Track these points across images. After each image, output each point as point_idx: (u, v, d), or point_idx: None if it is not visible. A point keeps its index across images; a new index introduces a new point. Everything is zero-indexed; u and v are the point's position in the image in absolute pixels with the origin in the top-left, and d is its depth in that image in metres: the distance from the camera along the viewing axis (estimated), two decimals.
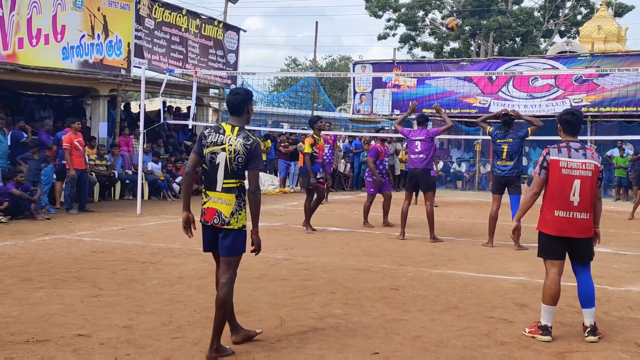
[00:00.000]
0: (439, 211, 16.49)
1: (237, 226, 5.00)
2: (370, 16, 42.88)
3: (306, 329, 5.72)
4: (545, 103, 23.49)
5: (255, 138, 5.08)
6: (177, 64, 19.52)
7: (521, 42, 41.77)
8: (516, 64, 24.22)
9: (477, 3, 40.11)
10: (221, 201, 5.01)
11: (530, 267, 8.86)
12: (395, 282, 7.73)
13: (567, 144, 5.67)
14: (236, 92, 5.21)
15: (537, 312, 6.44)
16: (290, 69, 57.84)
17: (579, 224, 5.57)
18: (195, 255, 9.16)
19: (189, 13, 20.30)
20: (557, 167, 5.59)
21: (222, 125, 5.13)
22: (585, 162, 5.57)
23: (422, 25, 43.57)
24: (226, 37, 22.06)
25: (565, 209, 5.56)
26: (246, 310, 6.23)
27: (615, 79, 22.23)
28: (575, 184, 5.54)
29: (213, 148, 5.02)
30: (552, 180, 5.62)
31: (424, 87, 25.33)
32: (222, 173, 5.00)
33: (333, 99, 43.51)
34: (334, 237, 11.34)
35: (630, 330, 5.88)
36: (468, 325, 5.96)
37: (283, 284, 7.48)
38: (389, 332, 5.68)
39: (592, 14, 36.01)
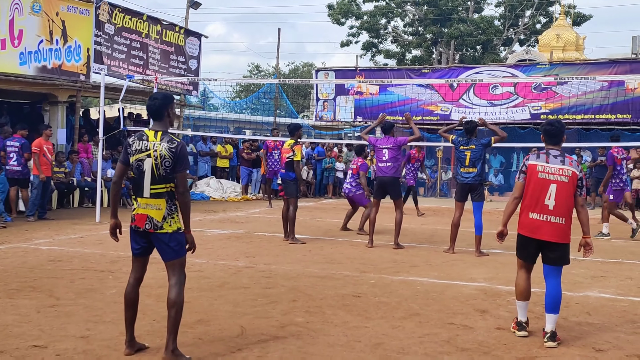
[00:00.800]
0: None
1: (171, 230, 5.04)
2: (333, 23, 43.09)
3: (267, 338, 5.67)
4: (505, 110, 23.80)
5: (180, 140, 5.11)
6: (137, 69, 19.32)
7: (482, 50, 42.31)
8: (477, 72, 24.50)
9: (439, 11, 40.52)
10: (151, 207, 5.03)
11: (490, 273, 8.93)
12: (357, 289, 7.71)
13: (547, 151, 5.88)
14: (154, 97, 5.24)
15: (497, 318, 6.50)
16: (253, 75, 57.68)
17: (551, 227, 5.72)
18: (154, 263, 8.97)
19: (149, 19, 20.11)
20: (534, 172, 5.80)
21: (145, 131, 5.12)
22: (562, 167, 5.75)
23: (385, 33, 43.85)
24: (187, 43, 21.91)
25: (540, 211, 5.74)
26: (207, 319, 6.15)
27: (574, 87, 22.63)
28: (551, 188, 5.72)
29: (138, 156, 5.04)
30: (529, 184, 5.82)
31: (386, 94, 25.49)
32: (149, 179, 5.02)
33: (296, 106, 43.49)
34: (297, 244, 11.29)
35: (588, 335, 5.94)
36: (429, 331, 5.97)
37: (244, 292, 7.42)
38: (351, 340, 5.66)
39: (551, 23, 36.59)
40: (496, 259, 10.24)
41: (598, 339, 5.84)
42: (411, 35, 43.69)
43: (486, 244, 11.93)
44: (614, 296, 7.68)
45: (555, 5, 38.74)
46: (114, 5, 18.53)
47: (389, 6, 42.72)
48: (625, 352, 5.51)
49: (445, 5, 40.38)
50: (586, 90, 22.52)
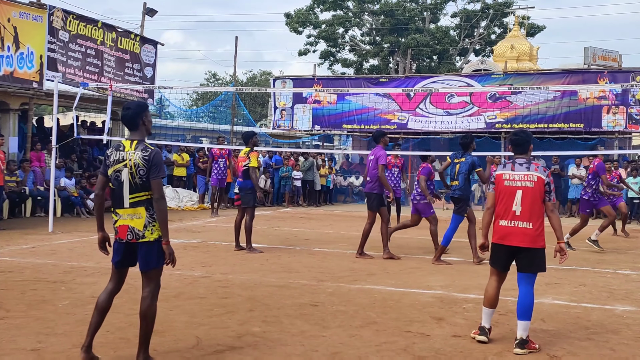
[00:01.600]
0: (359, 226, 16.59)
1: (153, 237, 5.02)
2: (291, 32, 43.12)
3: (224, 348, 5.60)
4: (461, 119, 24.06)
5: (154, 148, 5.12)
6: (92, 77, 19.04)
7: (438, 60, 42.77)
8: (433, 81, 24.74)
9: (396, 21, 40.86)
10: (131, 216, 5.04)
11: (447, 281, 8.99)
12: (314, 298, 7.69)
13: (513, 160, 6.07)
14: (128, 107, 5.24)
15: (454, 326, 6.53)
16: (210, 83, 57.39)
17: (519, 232, 5.82)
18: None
19: (104, 26, 19.85)
20: (500, 180, 5.99)
21: (122, 142, 5.16)
22: (527, 174, 5.89)
23: (342, 42, 44.05)
24: (143, 50, 21.68)
25: (508, 218, 5.88)
26: (162, 330, 6.06)
27: (527, 96, 23.01)
28: (517, 194, 5.87)
29: (116, 166, 5.07)
30: (497, 193, 6.01)
31: (344, 103, 25.56)
32: (128, 189, 5.04)
33: (253, 114, 43.37)
34: (254, 253, 11.21)
35: (542, 342, 5.99)
36: (386, 340, 5.97)
37: (200, 302, 7.34)
38: (308, 349, 5.63)
39: (505, 33, 37.15)
40: (453, 267, 10.31)
41: (552, 345, 5.90)
42: (368, 44, 43.97)
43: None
44: (568, 303, 7.78)
45: (509, 16, 39.36)
46: (68, 12, 18.25)
47: (346, 16, 42.94)
48: (579, 357, 5.59)
49: (402, 15, 40.74)
50: (540, 99, 22.91)
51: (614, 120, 22.41)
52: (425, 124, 24.50)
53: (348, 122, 25.79)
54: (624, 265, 10.92)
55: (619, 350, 5.82)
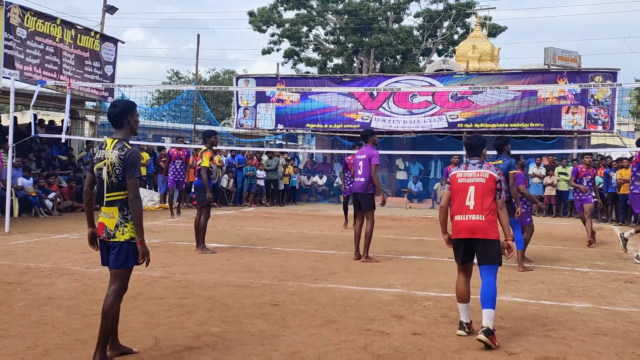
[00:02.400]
0: (321, 225, 16.62)
1: (123, 238, 5.09)
2: (255, 30, 42.93)
3: (182, 349, 5.55)
4: (424, 119, 24.20)
5: (131, 147, 5.16)
6: (51, 75, 18.73)
7: (401, 60, 42.95)
8: (396, 81, 24.84)
9: (359, 21, 40.95)
10: (106, 215, 5.15)
11: (407, 279, 9.02)
12: (275, 297, 7.65)
13: (467, 161, 6.44)
14: (114, 105, 5.29)
15: (414, 324, 6.55)
16: (173, 82, 56.89)
17: (473, 225, 6.11)
18: (67, 274, 8.76)
19: (63, 23, 19.53)
20: (455, 179, 6.33)
21: (106, 140, 5.23)
22: (479, 172, 6.25)
23: (306, 41, 44.01)
24: (103, 48, 21.40)
25: (463, 212, 6.20)
26: (119, 331, 5.93)
27: (488, 96, 23.24)
28: (470, 190, 6.21)
29: (98, 165, 5.16)
30: (453, 191, 6.35)
31: (307, 102, 25.55)
32: (105, 187, 5.13)
33: (217, 113, 43.10)
34: (206, 253, 11.09)
35: (501, 339, 6.03)
36: (346, 338, 5.96)
37: (159, 302, 7.25)
38: (267, 349, 5.60)
39: (467, 34, 37.47)
40: (413, 265, 10.36)
41: (510, 342, 5.95)
42: (332, 43, 44.00)
43: (405, 250, 12.09)
44: (526, 300, 7.86)
45: (471, 16, 39.70)
46: (25, 8, 17.92)
47: (310, 15, 42.92)
48: (536, 354, 5.64)
49: (366, 15, 40.83)
50: (500, 99, 23.16)
51: (573, 120, 22.75)
52: (388, 123, 24.60)
53: (311, 121, 25.78)
54: (582, 262, 11.07)
55: (575, 347, 5.89)
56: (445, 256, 11.22)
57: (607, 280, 9.40)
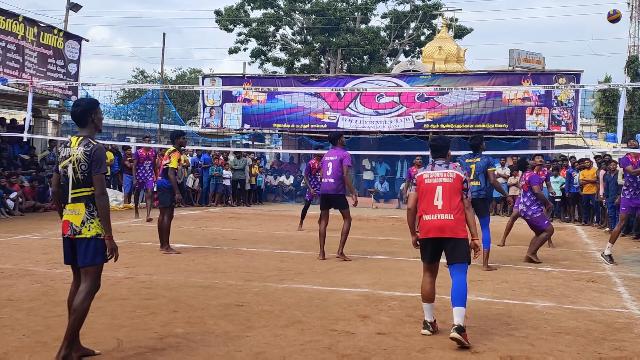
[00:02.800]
0: (287, 225, 16.59)
1: (90, 234, 5.11)
2: (221, 29, 42.73)
3: (145, 350, 5.49)
4: (390, 119, 24.29)
5: (97, 143, 5.20)
6: (13, 73, 18.41)
7: (368, 60, 43.10)
8: (363, 81, 24.90)
9: (327, 21, 41.00)
10: (72, 212, 5.15)
11: (373, 279, 9.03)
12: (240, 298, 7.61)
13: (433, 162, 6.51)
14: (77, 104, 5.34)
15: (379, 323, 6.56)
16: (138, 81, 56.36)
17: (442, 224, 6.15)
18: (27, 275, 8.62)
19: (26, 20, 19.21)
20: (422, 180, 6.36)
21: (71, 138, 5.27)
22: (446, 172, 6.32)
23: (273, 41, 43.93)
24: (67, 46, 21.10)
25: (431, 212, 6.22)
26: (82, 332, 5.83)
27: (454, 97, 23.41)
28: (437, 190, 6.26)
29: (64, 162, 5.20)
30: (420, 192, 6.36)
31: (274, 101, 25.50)
32: (71, 184, 5.15)
33: (183, 113, 42.80)
34: (171, 254, 10.99)
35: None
36: (311, 339, 5.95)
37: (122, 303, 7.17)
38: (231, 350, 5.56)
39: (434, 35, 37.71)
40: (379, 265, 10.38)
41: (474, 341, 5.98)
42: (300, 43, 43.99)
43: (371, 250, 12.12)
44: (490, 299, 7.93)
45: (438, 18, 39.98)
46: None
47: (277, 14, 42.84)
48: (499, 353, 5.68)
49: (333, 15, 40.89)
50: (465, 100, 23.34)
51: (537, 121, 23.02)
52: (355, 123, 24.65)
53: (278, 121, 25.72)
54: (545, 262, 11.19)
55: (538, 346, 5.95)
56: (411, 256, 11.27)
57: (570, 279, 9.53)
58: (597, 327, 6.69)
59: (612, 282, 9.46)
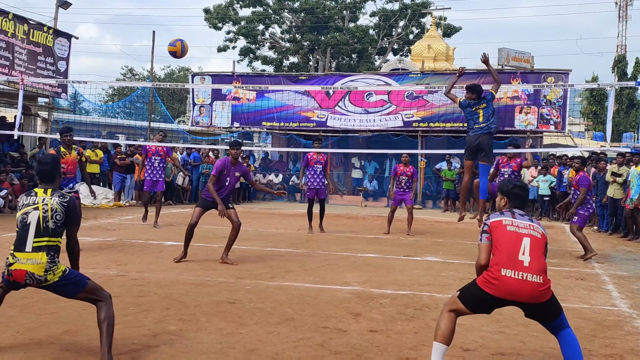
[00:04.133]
0: (277, 223, 16.61)
1: (57, 277, 5.09)
2: (210, 28, 42.68)
3: (138, 347, 5.51)
4: (379, 118, 24.34)
5: (71, 196, 5.34)
6: (3, 70, 18.33)
7: (357, 59, 43.17)
8: (352, 80, 24.93)
9: (316, 19, 41.03)
10: (31, 261, 5.03)
11: (364, 277, 9.09)
12: (232, 295, 7.65)
13: (512, 211, 5.19)
14: (45, 162, 5.41)
15: (370, 321, 6.61)
16: (127, 78, 56.21)
17: (533, 290, 4.93)
18: None
19: (15, 17, 19.14)
20: (501, 226, 5.03)
21: (35, 190, 5.27)
22: (532, 224, 5.09)
23: (262, 39, 43.92)
24: (57, 43, 21.03)
25: (514, 268, 4.90)
26: (75, 330, 5.92)
27: (443, 96, 23.42)
28: (524, 242, 4.96)
29: (25, 209, 5.16)
30: (496, 239, 5.02)
31: (264, 100, 25.48)
32: (34, 232, 5.08)
33: (172, 111, 42.75)
34: (171, 251, 11.02)
35: (456, 335, 6.00)
36: (303, 336, 6.00)
37: (115, 301, 7.04)
38: (225, 347, 5.60)
39: (423, 33, 37.78)
40: (369, 263, 10.43)
41: (466, 338, 6.05)
42: (288, 42, 44.00)
43: (361, 248, 12.17)
44: None
45: (427, 16, 40.08)
46: None
47: (266, 12, 42.82)
48: (490, 350, 5.76)
49: (322, 13, 40.93)
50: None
51: (526, 120, 23.13)
52: (344, 122, 24.69)
53: (268, 119, 25.72)
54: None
55: (528, 343, 6.02)
56: (401, 254, 11.35)
57: (559, 277, 9.61)
58: (587, 325, 6.77)
59: (601, 280, 9.56)
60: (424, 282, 8.82)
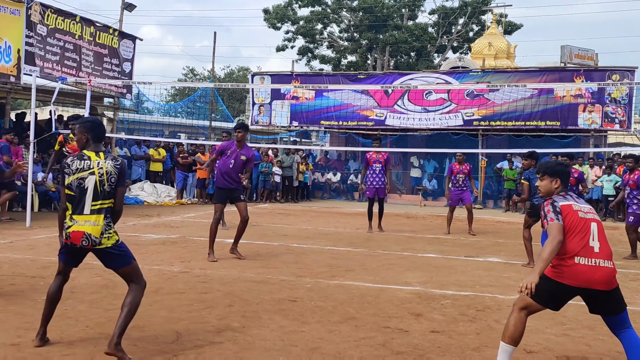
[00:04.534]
0: (336, 222, 16.66)
1: (110, 243, 5.26)
2: (269, 28, 43.03)
3: (203, 343, 5.62)
4: (439, 116, 24.20)
5: (122, 158, 5.58)
6: (70, 71, 18.89)
7: (416, 57, 42.92)
8: (411, 78, 24.86)
9: (374, 18, 40.95)
10: (89, 223, 5.20)
11: (425, 277, 9.06)
12: (293, 293, 7.73)
13: (569, 193, 5.20)
14: (98, 122, 5.63)
15: (432, 322, 6.60)
16: (188, 79, 57.10)
17: (609, 275, 4.85)
18: (88, 269, 8.85)
19: (82, 20, 19.70)
20: (573, 211, 4.94)
21: (85, 152, 5.38)
22: (589, 207, 5.12)
23: (321, 38, 44.06)
24: (122, 45, 21.55)
25: (589, 255, 4.84)
26: (141, 325, 6.07)
27: (505, 94, 23.18)
28: (592, 227, 4.93)
29: (80, 174, 5.27)
30: (568, 225, 4.91)
31: (322, 99, 25.59)
32: (91, 196, 5.24)
33: (231, 110, 43.27)
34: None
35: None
36: (365, 335, 6.03)
37: (179, 297, 7.35)
38: (287, 344, 5.67)
39: (483, 31, 37.36)
40: (430, 263, 10.40)
41: (529, 340, 5.98)
42: (347, 41, 44.02)
43: (421, 248, 12.13)
44: None
45: (487, 14, 39.60)
46: (46, 5, 18.08)
47: (325, 12, 42.94)
48: (555, 353, 5.68)
49: (381, 12, 40.83)
50: (517, 97, 23.11)
51: (590, 119, 22.69)
52: (403, 120, 24.61)
53: (326, 118, 25.83)
54: None
55: (594, 346, 5.93)
56: (462, 254, 11.28)
57: (625, 279, 9.39)
58: None
59: None
60: (486, 283, 8.76)
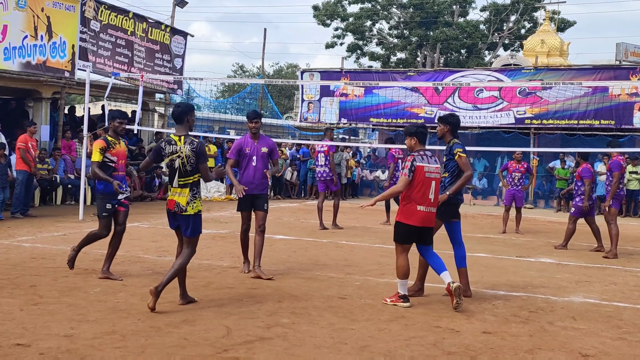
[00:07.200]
0: (385, 219, 16.55)
1: (193, 212, 6.53)
2: (318, 24, 43.07)
3: (253, 339, 5.63)
4: (490, 114, 23.87)
5: (199, 140, 6.64)
6: (122, 67, 19.19)
7: (467, 54, 42.48)
8: (462, 76, 24.56)
9: (424, 15, 40.66)
10: (177, 194, 6.57)
11: (476, 277, 8.90)
12: (342, 291, 7.69)
13: (426, 153, 7.17)
14: (178, 105, 6.75)
15: (483, 322, 6.50)
16: (237, 75, 57.52)
17: (431, 216, 7.32)
18: (139, 262, 9.00)
19: (135, 16, 19.98)
20: (422, 172, 7.03)
21: (172, 137, 6.59)
22: (437, 167, 7.18)
23: (370, 35, 43.92)
24: (173, 41, 21.79)
25: (425, 204, 7.14)
26: (192, 319, 6.11)
27: (559, 92, 22.73)
28: (432, 185, 7.11)
29: (171, 157, 6.56)
30: (416, 182, 7.05)
31: (372, 96, 25.47)
32: (177, 174, 6.54)
33: (280, 107, 43.43)
34: (281, 245, 11.23)
35: (574, 340, 5.95)
36: (415, 334, 5.96)
37: (229, 292, 7.38)
38: (337, 342, 5.63)
39: (535, 28, 36.76)
40: (480, 263, 10.24)
41: (584, 344, 5.84)
42: (396, 37, 43.79)
43: (471, 247, 11.96)
44: (599, 301, 7.70)
45: (539, 10, 38.95)
46: (100, 2, 18.40)
47: (374, 8, 42.80)
48: (611, 357, 5.53)
49: (431, 8, 40.52)
50: (570, 95, 22.64)
51: None
52: None
53: (375, 115, 25.71)
54: None
55: None
56: (513, 255, 11.10)
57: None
58: None
59: None
60: (538, 284, 8.59)
